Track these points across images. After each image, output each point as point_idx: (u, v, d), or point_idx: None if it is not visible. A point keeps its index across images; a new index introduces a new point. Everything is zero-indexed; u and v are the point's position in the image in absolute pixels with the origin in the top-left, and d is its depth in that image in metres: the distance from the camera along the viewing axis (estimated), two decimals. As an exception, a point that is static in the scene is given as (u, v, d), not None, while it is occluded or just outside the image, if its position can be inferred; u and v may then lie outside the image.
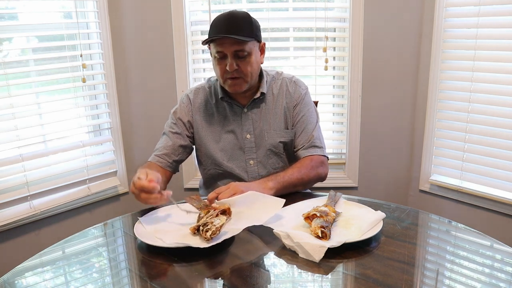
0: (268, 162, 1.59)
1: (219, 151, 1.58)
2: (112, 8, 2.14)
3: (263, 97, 1.58)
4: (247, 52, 1.44)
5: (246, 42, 1.43)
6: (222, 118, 1.58)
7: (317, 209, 1.17)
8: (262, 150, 1.58)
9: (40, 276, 1.06)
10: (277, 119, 1.58)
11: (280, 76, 1.64)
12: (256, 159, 1.58)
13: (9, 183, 1.91)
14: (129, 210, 2.11)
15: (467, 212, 2.16)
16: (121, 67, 2.23)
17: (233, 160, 1.58)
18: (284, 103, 1.59)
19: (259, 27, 1.51)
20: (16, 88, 1.91)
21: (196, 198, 1.34)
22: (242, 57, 1.44)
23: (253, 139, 1.57)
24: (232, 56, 1.43)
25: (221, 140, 1.58)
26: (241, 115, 1.57)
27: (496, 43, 1.97)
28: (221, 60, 1.46)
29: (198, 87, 1.63)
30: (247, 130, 1.57)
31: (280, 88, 1.61)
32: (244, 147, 1.58)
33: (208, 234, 1.06)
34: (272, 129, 1.58)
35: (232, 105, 1.57)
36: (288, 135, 1.60)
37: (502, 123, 1.98)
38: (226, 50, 1.43)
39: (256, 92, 1.56)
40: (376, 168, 2.38)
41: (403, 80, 2.26)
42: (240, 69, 1.45)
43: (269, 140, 1.58)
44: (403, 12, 2.17)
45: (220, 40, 1.43)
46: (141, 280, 1.01)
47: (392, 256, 1.05)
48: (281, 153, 1.60)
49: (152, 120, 2.32)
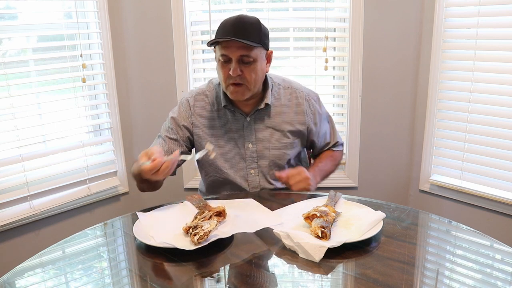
0: (269, 172, 1.57)
1: (220, 159, 1.55)
2: (112, 8, 2.14)
3: (268, 107, 1.54)
4: (253, 58, 1.40)
5: (252, 48, 1.38)
6: (224, 126, 1.54)
7: (317, 209, 1.17)
8: (264, 161, 1.56)
9: (40, 276, 1.06)
10: (282, 131, 1.55)
11: (288, 85, 1.59)
12: (258, 169, 1.56)
13: (9, 183, 1.91)
14: (129, 210, 2.12)
15: (467, 212, 2.16)
16: (121, 67, 2.23)
17: (234, 169, 1.56)
18: (292, 117, 1.56)
19: (267, 34, 1.46)
20: (16, 88, 1.91)
21: (197, 197, 1.35)
22: (247, 63, 1.40)
23: (255, 148, 1.55)
24: (237, 61, 1.39)
25: (222, 148, 1.55)
26: (244, 123, 1.54)
27: (496, 43, 1.97)
28: (225, 64, 1.42)
29: (199, 92, 1.58)
30: (249, 140, 1.54)
31: (290, 101, 1.57)
32: (246, 156, 1.55)
33: (195, 239, 1.06)
34: (277, 141, 1.55)
35: (234, 113, 1.53)
36: (294, 149, 1.58)
37: (502, 123, 1.98)
38: (231, 54, 1.39)
39: (260, 101, 1.52)
40: (376, 168, 2.38)
41: (403, 80, 2.26)
42: (244, 75, 1.41)
43: (274, 151, 1.55)
44: (403, 12, 2.17)
45: (226, 43, 1.38)
46: (141, 280, 1.01)
47: (392, 256, 1.05)
48: (284, 165, 1.58)
49: (152, 120, 2.31)
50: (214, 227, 1.10)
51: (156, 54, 2.25)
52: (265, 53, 1.46)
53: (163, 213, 1.28)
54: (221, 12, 2.23)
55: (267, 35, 1.46)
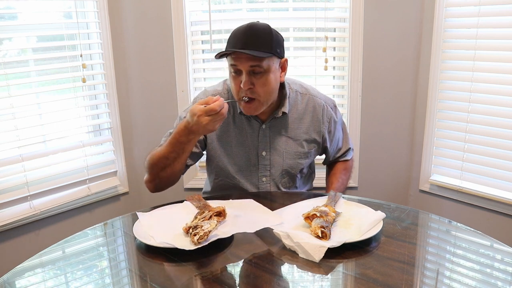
0: (281, 181, 1.56)
1: (233, 164, 1.53)
2: (112, 8, 2.14)
3: (285, 116, 1.50)
4: (264, 69, 1.34)
5: (263, 59, 1.32)
6: (239, 132, 1.51)
7: (317, 209, 1.17)
8: (277, 169, 1.54)
9: (40, 276, 1.06)
10: (298, 140, 1.53)
11: (306, 92, 1.55)
12: (270, 177, 1.54)
13: (9, 183, 1.90)
14: (129, 210, 2.12)
15: (467, 212, 2.16)
16: (121, 67, 2.23)
17: (245, 175, 1.54)
18: (308, 126, 1.54)
19: (281, 41, 1.39)
20: (16, 88, 1.91)
21: (197, 197, 1.35)
22: (258, 73, 1.34)
23: (268, 157, 1.52)
24: (247, 72, 1.33)
25: (235, 154, 1.52)
26: (259, 131, 1.50)
27: (496, 43, 1.97)
28: (236, 75, 1.37)
29: (214, 94, 1.47)
30: (263, 148, 1.51)
31: (306, 108, 1.53)
32: (259, 164, 1.53)
33: (195, 239, 1.06)
34: (292, 150, 1.53)
35: (250, 119, 1.49)
36: (308, 158, 1.57)
37: (502, 123, 1.98)
38: (241, 65, 1.33)
39: (276, 108, 1.49)
40: (376, 168, 2.37)
41: (403, 80, 2.26)
42: (255, 88, 1.35)
43: (287, 160, 1.53)
44: (403, 12, 2.17)
45: (236, 54, 1.33)
46: (141, 280, 1.01)
47: (392, 256, 1.05)
48: (296, 174, 1.57)
49: (152, 120, 2.32)
50: (214, 227, 1.10)
51: (156, 54, 2.25)
52: (278, 62, 1.40)
53: (163, 213, 1.28)
54: (221, 12, 2.23)
55: (281, 43, 1.39)
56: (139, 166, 2.36)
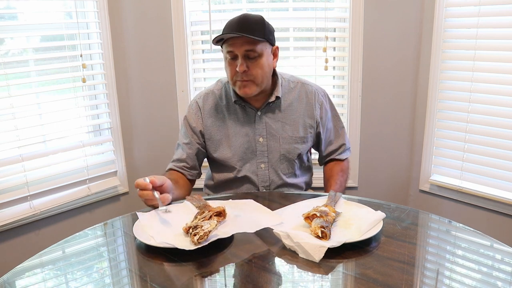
0: (279, 167, 1.58)
1: (232, 154, 1.56)
2: (112, 8, 2.14)
3: (278, 101, 1.56)
4: (258, 53, 1.43)
5: (257, 42, 1.41)
6: (234, 121, 1.56)
7: (317, 209, 1.17)
8: (274, 155, 1.57)
9: (40, 276, 1.06)
10: (293, 125, 1.57)
11: (297, 80, 1.62)
12: (268, 163, 1.58)
13: (9, 183, 1.91)
14: (129, 210, 2.11)
15: (467, 212, 2.16)
16: (121, 67, 2.23)
17: (244, 163, 1.57)
18: (302, 111, 1.58)
19: (272, 31, 1.50)
20: (16, 88, 1.91)
21: (197, 197, 1.35)
22: (252, 58, 1.43)
23: (265, 142, 1.56)
24: (243, 56, 1.42)
25: (233, 143, 1.56)
26: (255, 118, 1.55)
27: (496, 43, 1.97)
28: (232, 61, 1.45)
29: (207, 92, 1.60)
30: (260, 134, 1.56)
31: (299, 95, 1.59)
32: (256, 150, 1.56)
33: (195, 239, 1.06)
34: (288, 134, 1.57)
35: (245, 108, 1.55)
36: (305, 144, 1.59)
37: (502, 123, 1.98)
38: (237, 50, 1.41)
39: (270, 95, 1.55)
40: (376, 168, 2.38)
41: (403, 80, 2.26)
42: (250, 71, 1.43)
43: (284, 145, 1.57)
44: (403, 12, 2.17)
45: (231, 40, 1.42)
46: (141, 280, 1.01)
47: (392, 256, 1.05)
48: (294, 159, 1.60)
49: (152, 120, 2.32)
50: (214, 227, 1.10)
51: (156, 54, 2.26)
52: (271, 49, 1.49)
53: (163, 213, 1.28)
54: (221, 12, 2.23)
55: (272, 32, 1.49)
56: (139, 166, 2.36)
